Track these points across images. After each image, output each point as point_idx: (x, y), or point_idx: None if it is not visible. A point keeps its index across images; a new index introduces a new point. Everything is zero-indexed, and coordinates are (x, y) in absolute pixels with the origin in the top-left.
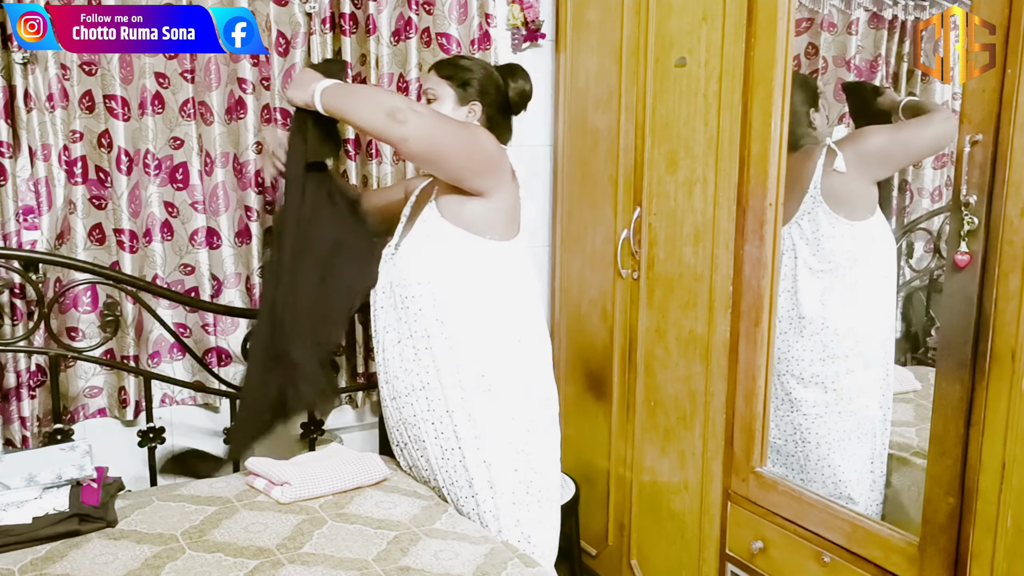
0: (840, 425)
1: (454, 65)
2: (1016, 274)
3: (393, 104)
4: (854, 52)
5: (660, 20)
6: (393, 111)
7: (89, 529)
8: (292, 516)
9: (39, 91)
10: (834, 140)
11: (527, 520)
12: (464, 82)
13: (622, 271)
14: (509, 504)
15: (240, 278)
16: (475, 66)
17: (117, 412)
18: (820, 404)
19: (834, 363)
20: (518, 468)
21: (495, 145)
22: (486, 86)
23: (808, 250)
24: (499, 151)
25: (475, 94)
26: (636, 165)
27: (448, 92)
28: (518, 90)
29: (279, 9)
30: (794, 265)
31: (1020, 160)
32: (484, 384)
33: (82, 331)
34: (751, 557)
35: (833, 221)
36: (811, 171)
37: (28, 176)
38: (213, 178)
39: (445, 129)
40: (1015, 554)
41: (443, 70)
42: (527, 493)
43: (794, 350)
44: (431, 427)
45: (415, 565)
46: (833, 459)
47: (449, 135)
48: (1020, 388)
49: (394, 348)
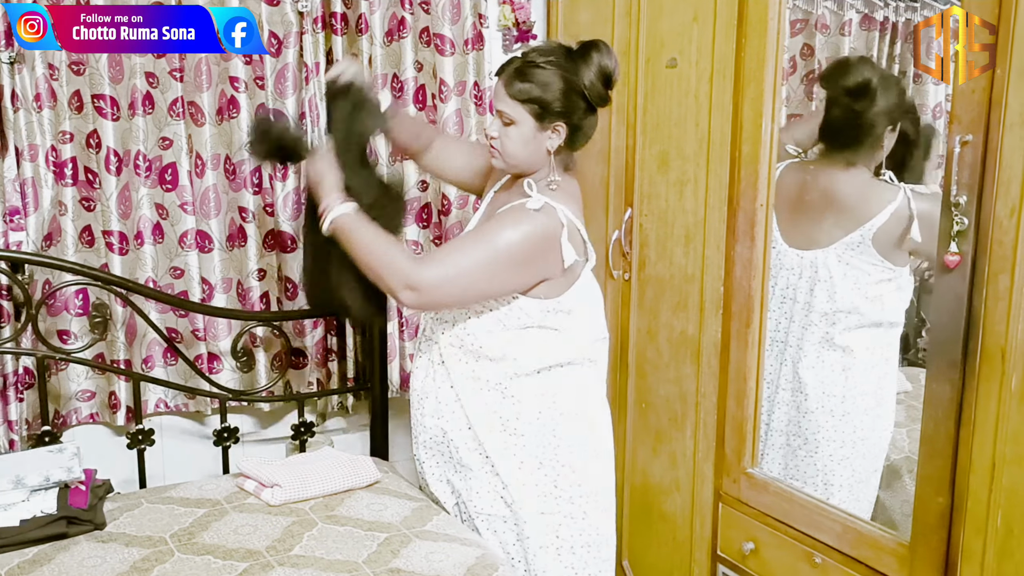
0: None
1: (529, 81)
2: (1006, 274)
3: (416, 279)
4: (847, 53)
5: (651, 21)
6: (414, 285)
7: (77, 532)
8: (282, 518)
9: (26, 91)
10: (914, 197)
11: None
12: (543, 104)
13: (613, 272)
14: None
15: (231, 283)
16: (552, 76)
17: (108, 417)
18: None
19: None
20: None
21: (531, 250)
22: (568, 101)
23: (841, 283)
24: (538, 251)
25: (558, 114)
26: (627, 166)
27: (525, 117)
28: (598, 77)
29: (271, 8)
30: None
31: (1010, 160)
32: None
33: (73, 334)
34: (743, 558)
35: (873, 266)
36: (866, 208)
37: (14, 177)
38: (204, 180)
39: (465, 283)
40: (1005, 554)
41: (517, 91)
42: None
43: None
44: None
45: (406, 567)
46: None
47: (471, 287)
48: (1010, 388)
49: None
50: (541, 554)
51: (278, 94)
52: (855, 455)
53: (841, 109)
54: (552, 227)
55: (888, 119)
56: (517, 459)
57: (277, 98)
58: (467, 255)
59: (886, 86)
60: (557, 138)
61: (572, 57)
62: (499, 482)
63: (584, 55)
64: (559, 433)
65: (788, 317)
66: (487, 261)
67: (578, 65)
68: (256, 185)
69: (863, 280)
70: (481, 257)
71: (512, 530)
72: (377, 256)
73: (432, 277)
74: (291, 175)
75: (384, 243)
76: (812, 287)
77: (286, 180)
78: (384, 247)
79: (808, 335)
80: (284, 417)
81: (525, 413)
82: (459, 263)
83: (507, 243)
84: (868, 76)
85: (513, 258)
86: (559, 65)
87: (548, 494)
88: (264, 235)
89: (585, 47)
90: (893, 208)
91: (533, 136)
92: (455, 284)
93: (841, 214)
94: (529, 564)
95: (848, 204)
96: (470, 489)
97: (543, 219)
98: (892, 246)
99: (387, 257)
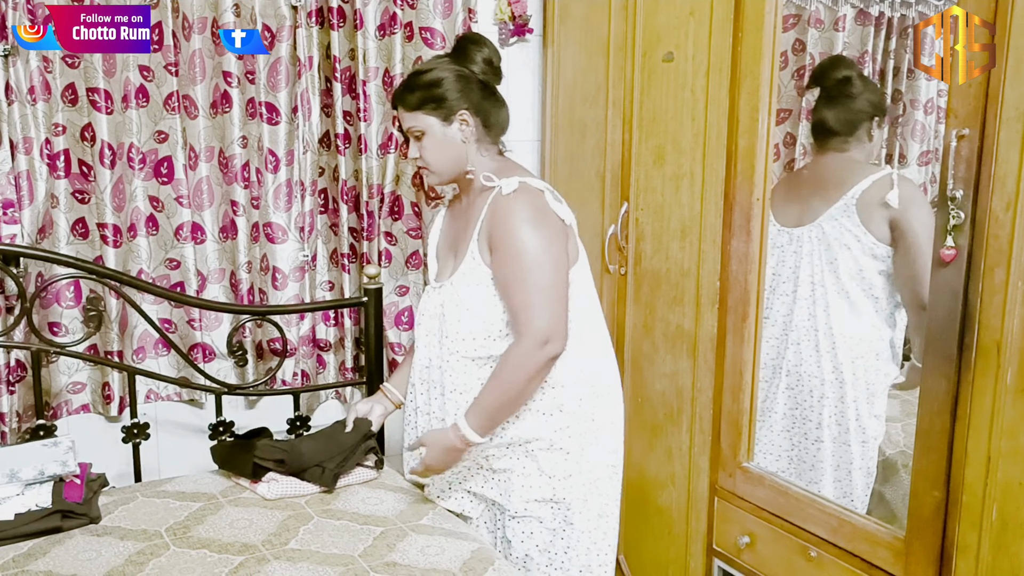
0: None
1: (418, 87)
2: (1002, 268)
3: (539, 336)
4: (841, 48)
5: (647, 15)
6: (542, 339)
7: (72, 526)
8: (278, 512)
9: (20, 84)
10: (898, 175)
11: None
12: (437, 100)
13: (609, 266)
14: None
15: (224, 273)
16: (435, 74)
17: (101, 408)
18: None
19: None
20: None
21: (556, 243)
22: (460, 86)
23: (827, 256)
24: (558, 243)
25: (456, 102)
26: (623, 160)
27: (429, 121)
28: (484, 64)
29: (264, 2)
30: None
31: (1006, 155)
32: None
33: (64, 326)
34: (738, 552)
35: (857, 240)
36: (852, 181)
37: (9, 170)
38: (197, 172)
39: (555, 298)
40: (1000, 547)
41: (411, 101)
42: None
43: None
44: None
45: (402, 561)
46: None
47: (560, 293)
48: (1005, 382)
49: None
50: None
51: (271, 88)
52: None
53: (827, 101)
54: (538, 198)
55: (871, 109)
56: (564, 451)
57: (269, 91)
58: (536, 281)
59: (866, 81)
60: (468, 127)
61: (451, 55)
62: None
63: (462, 48)
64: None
65: (775, 293)
66: (548, 268)
67: (458, 58)
68: (246, 179)
69: (848, 255)
70: (539, 270)
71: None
72: (509, 385)
73: (541, 323)
74: (282, 168)
75: (496, 389)
76: (799, 262)
77: (276, 172)
78: (499, 387)
79: (797, 309)
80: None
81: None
82: (542, 292)
83: (531, 237)
84: (850, 72)
85: (550, 244)
86: (441, 63)
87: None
88: (251, 227)
89: (459, 42)
90: (876, 177)
91: (444, 135)
92: (557, 304)
93: (828, 191)
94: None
95: (836, 181)
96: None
97: (526, 195)
98: (872, 212)
99: (509, 373)
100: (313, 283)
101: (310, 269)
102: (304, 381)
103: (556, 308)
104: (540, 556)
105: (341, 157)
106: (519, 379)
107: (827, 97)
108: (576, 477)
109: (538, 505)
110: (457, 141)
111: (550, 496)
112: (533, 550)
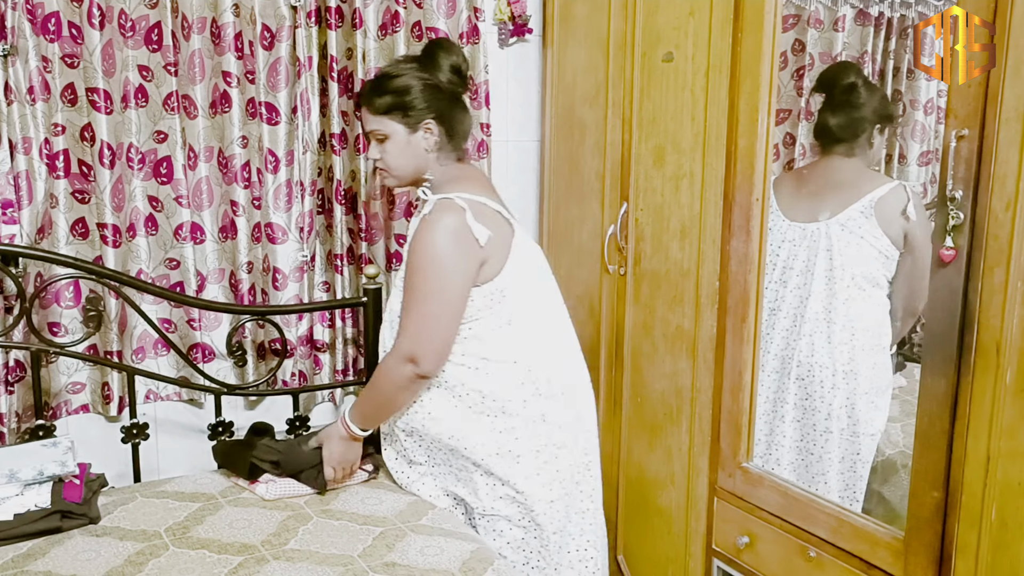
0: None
1: (386, 91)
2: (1001, 268)
3: (406, 353)
4: (840, 49)
5: (647, 15)
6: (409, 359)
7: (71, 526)
8: (277, 512)
9: (20, 83)
10: (910, 187)
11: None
12: (405, 108)
13: (609, 267)
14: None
15: (223, 274)
16: (406, 80)
17: (100, 408)
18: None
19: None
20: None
21: (463, 264)
22: (428, 96)
23: (846, 252)
24: (464, 261)
25: (423, 112)
26: (623, 160)
27: (394, 127)
28: (451, 73)
29: (264, 2)
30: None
31: (1005, 155)
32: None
33: (64, 326)
34: (737, 552)
35: (875, 239)
36: (867, 184)
37: (8, 170)
38: (197, 172)
39: (436, 319)
40: (1000, 547)
41: (379, 105)
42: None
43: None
44: None
45: (401, 561)
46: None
47: (442, 316)
48: (1005, 382)
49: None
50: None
51: (270, 88)
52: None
53: (834, 107)
54: (453, 217)
55: (875, 117)
56: (513, 454)
57: (269, 91)
58: (417, 300)
59: (871, 87)
60: (432, 136)
61: (420, 61)
62: (497, 481)
63: (431, 55)
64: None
65: (787, 286)
66: (435, 290)
67: (427, 66)
68: (246, 179)
69: (864, 253)
70: (428, 290)
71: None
72: (377, 392)
73: (412, 341)
74: (282, 168)
75: (368, 390)
76: (814, 256)
77: (276, 173)
78: (370, 389)
79: (811, 302)
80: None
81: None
82: (419, 312)
83: (431, 260)
84: (855, 78)
85: (446, 267)
86: (410, 69)
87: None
88: (252, 227)
89: (429, 48)
90: (892, 186)
91: (407, 142)
92: (434, 326)
93: (841, 193)
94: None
95: (848, 183)
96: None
97: (441, 215)
98: (891, 219)
99: (378, 380)
100: (312, 284)
101: (309, 270)
102: (301, 381)
103: (431, 331)
104: (515, 554)
105: (336, 157)
106: (386, 389)
107: (833, 104)
108: (534, 479)
109: (504, 503)
110: (420, 149)
111: (512, 495)
112: (505, 547)
